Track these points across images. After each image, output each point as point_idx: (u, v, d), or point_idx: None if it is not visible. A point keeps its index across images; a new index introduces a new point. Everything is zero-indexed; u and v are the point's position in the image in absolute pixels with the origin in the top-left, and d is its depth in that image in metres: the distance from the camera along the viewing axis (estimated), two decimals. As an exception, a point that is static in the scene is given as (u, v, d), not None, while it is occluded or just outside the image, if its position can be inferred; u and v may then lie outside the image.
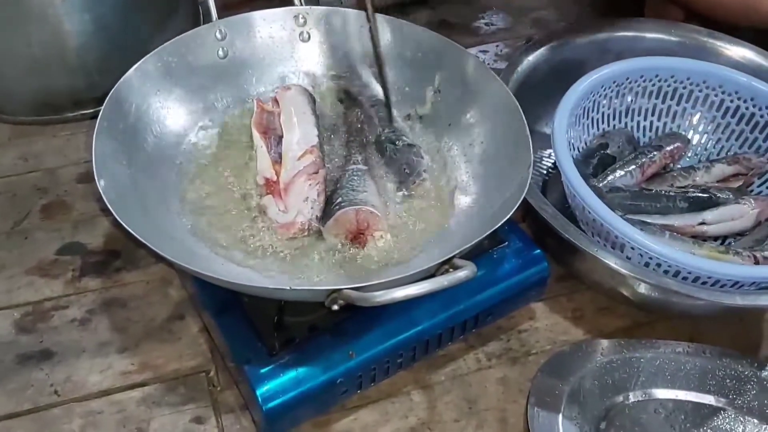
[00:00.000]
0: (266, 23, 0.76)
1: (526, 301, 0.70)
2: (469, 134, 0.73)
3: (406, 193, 0.64)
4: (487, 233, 0.57)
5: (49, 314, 0.71)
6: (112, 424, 0.63)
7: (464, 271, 0.50)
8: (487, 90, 0.71)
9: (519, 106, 0.68)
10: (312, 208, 0.66)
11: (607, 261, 0.66)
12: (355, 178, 0.67)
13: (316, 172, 0.68)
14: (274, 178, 0.68)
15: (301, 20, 0.77)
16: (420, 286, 0.50)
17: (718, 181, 0.81)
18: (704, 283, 0.66)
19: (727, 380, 0.67)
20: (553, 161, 0.85)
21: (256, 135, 0.71)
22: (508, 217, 0.58)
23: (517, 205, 0.60)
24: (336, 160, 0.72)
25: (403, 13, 0.79)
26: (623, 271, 0.65)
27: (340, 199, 0.65)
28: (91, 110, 0.88)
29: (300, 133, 0.71)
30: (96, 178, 0.60)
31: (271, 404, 0.58)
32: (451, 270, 0.54)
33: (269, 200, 0.67)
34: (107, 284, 0.73)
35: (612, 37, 0.88)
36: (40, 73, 0.85)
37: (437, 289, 0.50)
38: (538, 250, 0.69)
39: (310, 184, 0.67)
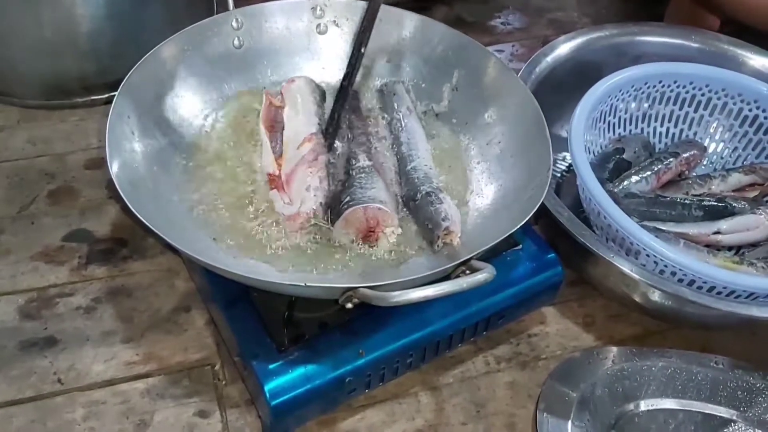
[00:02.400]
0: (283, 14, 0.75)
1: (539, 305, 0.70)
2: (486, 134, 0.71)
3: (438, 248, 0.62)
4: (506, 235, 0.56)
5: (53, 301, 0.70)
6: (114, 414, 0.63)
7: (483, 274, 0.50)
8: (507, 90, 0.70)
9: (539, 109, 0.67)
10: (315, 195, 0.65)
11: (623, 268, 0.65)
12: (363, 175, 0.66)
13: (316, 159, 0.67)
14: (277, 173, 0.67)
15: (319, 12, 0.76)
16: (438, 288, 0.49)
17: (734, 191, 0.80)
18: (719, 293, 0.66)
19: (739, 392, 0.67)
20: (567, 164, 0.84)
21: (262, 130, 0.70)
22: (526, 219, 0.57)
23: (536, 208, 0.59)
24: (342, 157, 0.71)
25: (419, 9, 0.78)
26: (639, 278, 0.65)
27: (348, 198, 0.64)
28: (102, 96, 0.87)
29: (300, 123, 0.70)
30: (108, 163, 0.59)
31: (278, 400, 0.57)
32: (468, 272, 0.53)
33: (275, 195, 0.66)
34: (113, 273, 0.73)
35: (632, 41, 0.87)
36: (50, 56, 0.84)
37: (456, 291, 0.49)
38: (553, 254, 0.68)
39: (311, 172, 0.66)
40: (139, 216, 0.55)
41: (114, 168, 0.59)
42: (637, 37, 0.88)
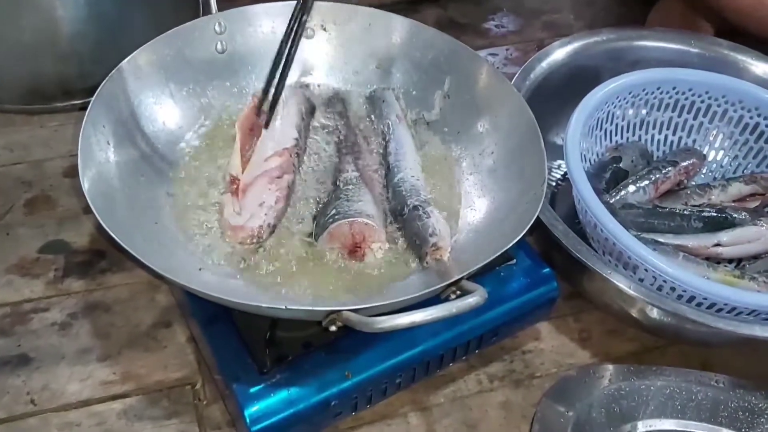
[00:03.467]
0: (268, 17, 0.72)
1: (533, 321, 0.67)
2: (479, 144, 0.69)
3: (427, 264, 0.60)
4: (499, 253, 0.53)
5: (28, 317, 0.67)
6: (90, 437, 0.60)
7: (474, 298, 0.47)
8: (501, 98, 0.68)
9: (534, 119, 0.64)
10: (266, 214, 0.61)
11: (620, 284, 0.62)
12: (350, 187, 0.64)
13: (280, 177, 0.63)
14: (239, 177, 0.64)
15: (305, 15, 0.73)
16: (426, 313, 0.46)
17: (734, 201, 0.78)
18: (720, 309, 0.63)
19: (740, 412, 0.64)
20: (562, 173, 0.82)
21: (237, 130, 0.67)
22: (521, 236, 0.55)
23: (531, 223, 0.56)
24: (329, 168, 0.68)
25: (412, 11, 0.75)
26: (637, 295, 0.62)
27: (333, 211, 0.61)
28: (82, 101, 0.84)
29: (277, 134, 0.67)
30: (81, 175, 0.56)
31: (259, 426, 0.54)
32: (458, 292, 0.50)
33: (227, 198, 0.63)
34: (91, 286, 0.70)
35: (630, 46, 0.85)
36: (29, 59, 0.82)
37: (445, 317, 0.47)
38: (548, 269, 0.65)
39: (269, 189, 0.63)
40: (110, 232, 0.52)
41: (86, 181, 0.56)
42: (634, 41, 0.85)
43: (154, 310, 0.68)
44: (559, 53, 0.81)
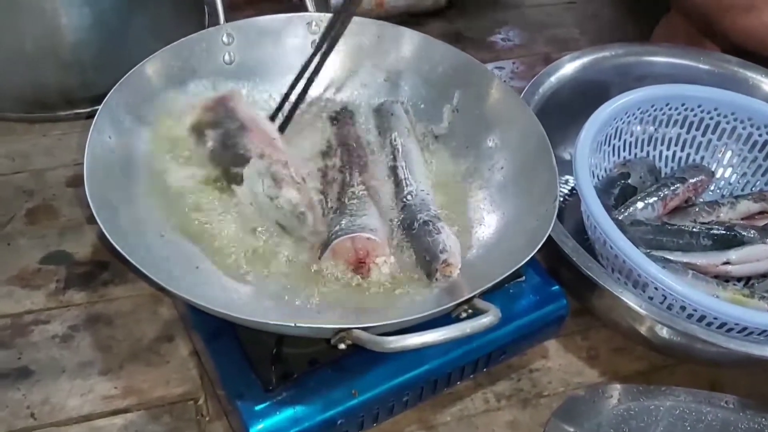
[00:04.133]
0: (277, 29, 0.72)
1: (542, 339, 0.66)
2: (488, 159, 0.68)
3: (437, 281, 0.58)
4: (512, 271, 0.53)
5: (28, 329, 0.66)
6: (90, 453, 0.59)
7: (488, 317, 0.46)
8: (511, 114, 0.67)
9: (545, 134, 0.63)
10: None
11: (630, 303, 0.62)
12: (355, 201, 0.63)
13: None
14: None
15: (314, 27, 0.73)
16: (439, 334, 0.45)
17: (742, 219, 0.77)
18: (730, 330, 0.63)
19: (750, 434, 0.63)
20: (570, 187, 0.81)
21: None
22: (532, 254, 0.54)
23: (543, 241, 0.55)
24: (335, 183, 0.67)
25: (418, 24, 0.74)
26: (648, 314, 0.61)
27: (337, 228, 0.60)
28: (85, 110, 0.83)
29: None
30: (86, 186, 0.55)
31: (264, 445, 0.53)
32: (470, 311, 0.49)
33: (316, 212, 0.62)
34: (93, 298, 0.69)
35: (639, 61, 0.84)
36: (31, 68, 0.81)
37: (458, 337, 0.46)
38: (557, 286, 0.64)
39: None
40: (114, 245, 0.51)
41: (90, 191, 0.55)
42: (643, 57, 0.85)
43: (156, 323, 0.67)
44: (568, 68, 0.81)
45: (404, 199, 0.64)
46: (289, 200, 0.60)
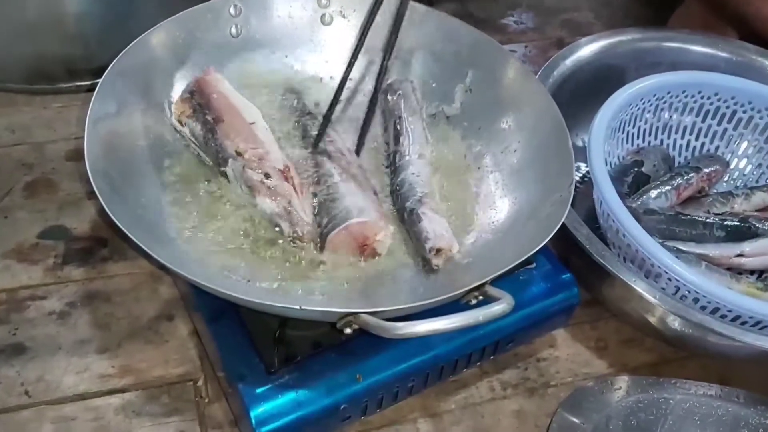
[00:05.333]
0: (286, 1, 0.69)
1: (551, 328, 0.65)
2: (501, 141, 0.66)
3: (436, 267, 0.57)
4: (525, 257, 0.51)
5: (25, 304, 0.64)
6: (85, 432, 0.57)
7: (501, 305, 0.44)
8: (526, 95, 0.65)
9: (561, 117, 0.61)
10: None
11: (644, 293, 0.60)
12: (327, 187, 0.61)
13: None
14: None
15: (325, 1, 0.70)
16: (450, 321, 0.43)
17: (757, 210, 0.75)
18: (744, 323, 0.61)
19: (761, 430, 0.62)
20: (580, 175, 0.79)
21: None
22: (546, 240, 0.52)
23: (557, 228, 0.53)
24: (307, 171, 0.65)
25: (429, 4, 0.72)
26: (662, 305, 0.60)
27: (325, 220, 0.59)
28: (87, 82, 0.82)
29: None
30: (86, 158, 0.54)
31: (265, 428, 0.52)
32: (481, 297, 0.47)
33: (288, 190, 0.60)
34: (91, 275, 0.67)
35: (657, 47, 0.82)
36: (33, 38, 0.79)
37: (469, 325, 0.44)
38: (568, 274, 0.63)
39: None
40: (115, 220, 0.49)
41: (91, 164, 0.53)
42: (661, 43, 0.83)
43: (156, 301, 0.66)
44: (585, 51, 0.79)
45: (397, 186, 0.63)
46: (264, 210, 0.59)
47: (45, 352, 0.61)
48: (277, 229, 0.59)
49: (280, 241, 0.59)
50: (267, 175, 0.60)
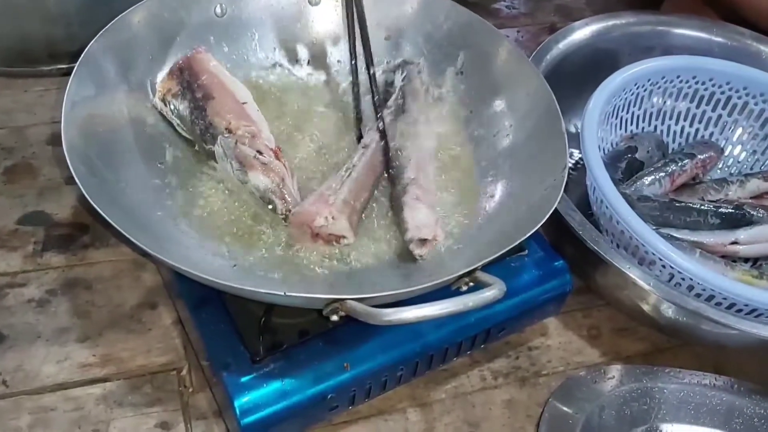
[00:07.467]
0: (272, -18, 0.68)
1: (543, 316, 0.64)
2: (493, 125, 0.65)
3: (422, 258, 0.55)
4: (517, 242, 0.49)
5: (3, 292, 0.63)
6: (65, 423, 0.56)
7: (492, 291, 0.43)
8: (519, 77, 0.63)
9: (555, 100, 0.60)
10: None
11: (639, 281, 0.59)
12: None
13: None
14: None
15: None
16: (439, 307, 0.42)
17: (752, 198, 0.75)
18: (739, 310, 0.60)
19: (755, 419, 0.62)
20: (573, 161, 0.78)
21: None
22: (539, 225, 0.51)
23: (550, 212, 0.52)
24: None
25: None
26: (656, 292, 0.59)
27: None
28: (68, 65, 0.80)
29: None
30: (64, 142, 0.52)
31: (250, 418, 0.50)
32: (470, 283, 0.46)
33: (282, 169, 0.59)
34: (72, 262, 0.65)
35: (651, 31, 0.81)
36: (13, 19, 0.77)
37: (459, 311, 0.42)
38: (561, 261, 0.62)
39: None
40: (96, 206, 0.47)
41: (69, 147, 0.51)
42: (656, 27, 0.81)
43: (138, 289, 0.64)
44: (578, 35, 0.78)
45: (390, 171, 0.62)
46: (257, 187, 0.57)
47: (24, 341, 0.60)
48: (270, 206, 0.57)
49: (266, 227, 0.57)
50: (260, 152, 0.58)
